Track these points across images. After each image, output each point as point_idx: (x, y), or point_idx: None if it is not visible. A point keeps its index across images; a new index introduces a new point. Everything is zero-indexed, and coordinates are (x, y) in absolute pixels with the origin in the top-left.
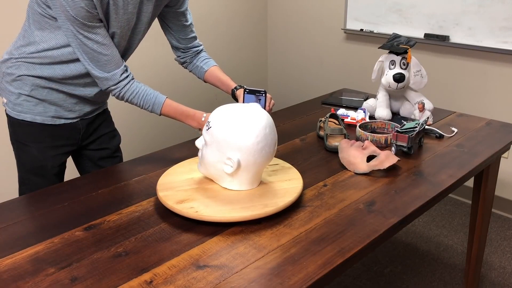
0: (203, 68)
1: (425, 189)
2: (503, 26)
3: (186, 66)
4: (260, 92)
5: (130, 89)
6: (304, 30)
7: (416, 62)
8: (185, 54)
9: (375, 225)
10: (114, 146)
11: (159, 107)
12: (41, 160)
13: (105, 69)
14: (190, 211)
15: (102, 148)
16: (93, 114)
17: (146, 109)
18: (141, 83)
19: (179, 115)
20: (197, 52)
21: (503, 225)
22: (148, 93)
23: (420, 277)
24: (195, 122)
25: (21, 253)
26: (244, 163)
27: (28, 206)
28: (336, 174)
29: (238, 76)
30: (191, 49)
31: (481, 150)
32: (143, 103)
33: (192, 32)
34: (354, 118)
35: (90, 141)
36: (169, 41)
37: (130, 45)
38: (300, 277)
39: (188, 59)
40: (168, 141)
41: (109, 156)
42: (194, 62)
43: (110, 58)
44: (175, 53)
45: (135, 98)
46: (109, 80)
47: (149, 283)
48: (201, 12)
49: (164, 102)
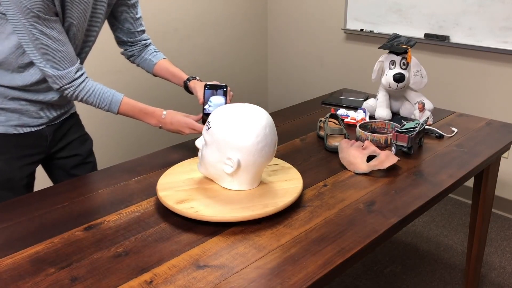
0: (152, 61)
1: (425, 189)
2: (503, 26)
3: (133, 59)
4: (221, 86)
5: (85, 88)
6: (304, 30)
7: (416, 62)
8: (133, 47)
9: (375, 225)
10: (86, 152)
11: (116, 105)
12: (8, 172)
13: (59, 66)
14: (190, 211)
15: (73, 155)
16: (60, 119)
17: (102, 108)
18: (95, 82)
19: (138, 113)
20: (146, 46)
21: (503, 225)
22: (104, 91)
23: (420, 277)
24: (155, 120)
25: (21, 253)
26: (244, 163)
27: (28, 206)
28: (336, 174)
29: (238, 76)
30: (139, 42)
31: (481, 150)
32: (99, 102)
33: (141, 25)
34: (354, 118)
35: (59, 148)
36: (117, 35)
37: (87, 39)
38: (300, 277)
39: (136, 52)
40: (168, 141)
41: (81, 162)
42: (143, 55)
43: (65, 55)
44: (121, 47)
45: (91, 97)
46: (63, 78)
47: (149, 283)
48: (201, 12)
49: (122, 100)
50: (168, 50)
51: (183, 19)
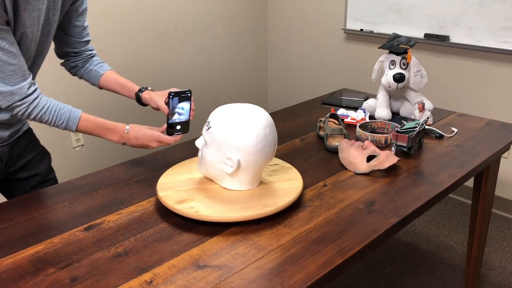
0: (98, 71)
1: (425, 189)
2: (503, 26)
3: (76, 71)
4: (185, 92)
5: (39, 105)
6: (304, 30)
7: (416, 62)
8: (77, 58)
9: (375, 225)
10: (45, 170)
11: (75, 122)
12: None
13: (9, 81)
14: (190, 211)
15: (33, 175)
16: (13, 138)
17: (59, 126)
18: (49, 97)
19: (98, 129)
20: (91, 56)
21: (503, 225)
22: (61, 108)
23: (420, 277)
24: (117, 136)
25: (21, 253)
26: (244, 163)
27: (28, 206)
28: (336, 174)
29: (238, 76)
30: (84, 53)
31: (481, 150)
32: (55, 120)
33: (88, 35)
34: (354, 118)
35: (17, 168)
36: (60, 46)
37: (40, 50)
38: (300, 277)
39: (80, 63)
40: None
41: (41, 182)
42: (87, 66)
43: (16, 69)
44: (63, 58)
45: (46, 114)
46: (14, 94)
47: (149, 283)
48: (201, 12)
49: (81, 116)
50: (168, 50)
51: (183, 19)
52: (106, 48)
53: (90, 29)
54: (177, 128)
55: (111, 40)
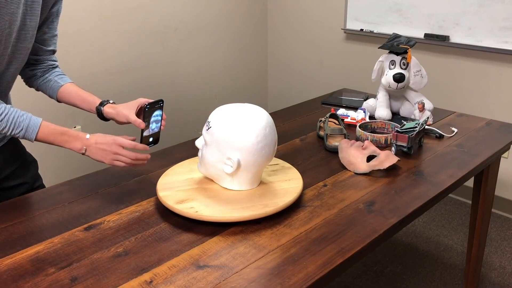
0: (57, 82)
1: (425, 189)
2: (503, 26)
3: (32, 81)
4: (158, 102)
5: None
6: (304, 30)
7: (416, 62)
8: (37, 67)
9: (375, 225)
10: (32, 178)
11: (34, 130)
12: None
13: None
14: (190, 211)
15: (19, 184)
16: None
17: (16, 135)
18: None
19: (60, 136)
20: (53, 67)
21: (503, 225)
22: (19, 115)
23: (420, 277)
24: (79, 143)
25: (21, 253)
26: (244, 163)
27: (28, 206)
28: (336, 174)
29: (238, 76)
30: (47, 62)
31: (481, 150)
32: (13, 127)
33: (55, 45)
34: (354, 118)
35: (2, 177)
36: None
37: (15, 55)
38: (300, 277)
39: (39, 73)
40: (169, 141)
41: (29, 190)
42: (46, 76)
43: None
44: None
45: (3, 122)
46: None
47: (149, 283)
48: (201, 12)
49: (41, 124)
50: (168, 50)
51: (183, 19)
52: (106, 48)
53: (90, 28)
54: (150, 140)
55: (111, 40)
